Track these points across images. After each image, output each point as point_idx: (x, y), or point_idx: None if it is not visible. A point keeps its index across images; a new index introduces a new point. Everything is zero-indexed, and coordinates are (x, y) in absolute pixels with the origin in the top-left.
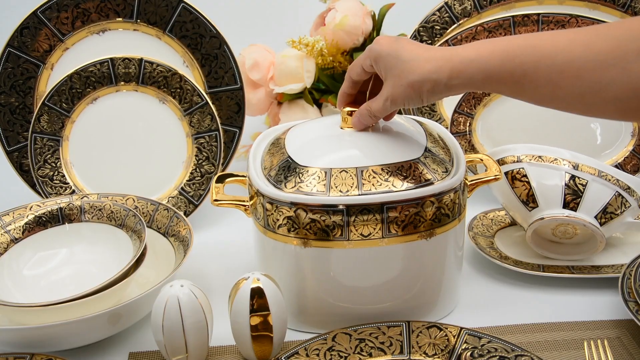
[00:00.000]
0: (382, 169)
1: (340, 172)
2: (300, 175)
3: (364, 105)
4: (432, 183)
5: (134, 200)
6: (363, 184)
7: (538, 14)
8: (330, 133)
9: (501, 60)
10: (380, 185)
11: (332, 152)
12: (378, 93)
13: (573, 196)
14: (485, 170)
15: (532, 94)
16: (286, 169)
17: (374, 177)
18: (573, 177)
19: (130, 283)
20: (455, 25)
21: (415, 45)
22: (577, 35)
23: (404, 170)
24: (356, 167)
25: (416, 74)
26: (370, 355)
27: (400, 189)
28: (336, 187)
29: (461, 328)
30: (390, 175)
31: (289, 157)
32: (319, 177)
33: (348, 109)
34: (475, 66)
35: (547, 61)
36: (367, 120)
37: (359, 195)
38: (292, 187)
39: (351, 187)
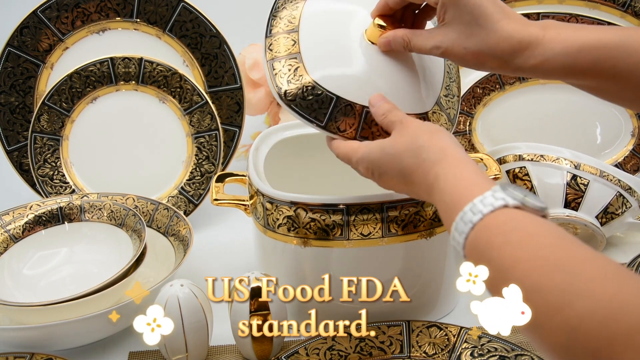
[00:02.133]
0: None
1: (345, 106)
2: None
3: (404, 32)
4: None
5: (133, 199)
6: (363, 128)
7: (538, 13)
8: (351, 45)
9: (590, 60)
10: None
11: (344, 77)
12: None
13: (574, 196)
14: (486, 170)
15: (615, 94)
16: (295, 71)
17: (375, 125)
18: (574, 177)
19: (131, 282)
20: None
21: (496, 9)
22: None
23: None
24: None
25: (489, 47)
26: (370, 354)
27: None
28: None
29: (461, 327)
30: None
31: (302, 58)
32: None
33: (380, 22)
34: (560, 61)
35: None
36: (398, 48)
37: (358, 192)
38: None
39: (351, 127)
